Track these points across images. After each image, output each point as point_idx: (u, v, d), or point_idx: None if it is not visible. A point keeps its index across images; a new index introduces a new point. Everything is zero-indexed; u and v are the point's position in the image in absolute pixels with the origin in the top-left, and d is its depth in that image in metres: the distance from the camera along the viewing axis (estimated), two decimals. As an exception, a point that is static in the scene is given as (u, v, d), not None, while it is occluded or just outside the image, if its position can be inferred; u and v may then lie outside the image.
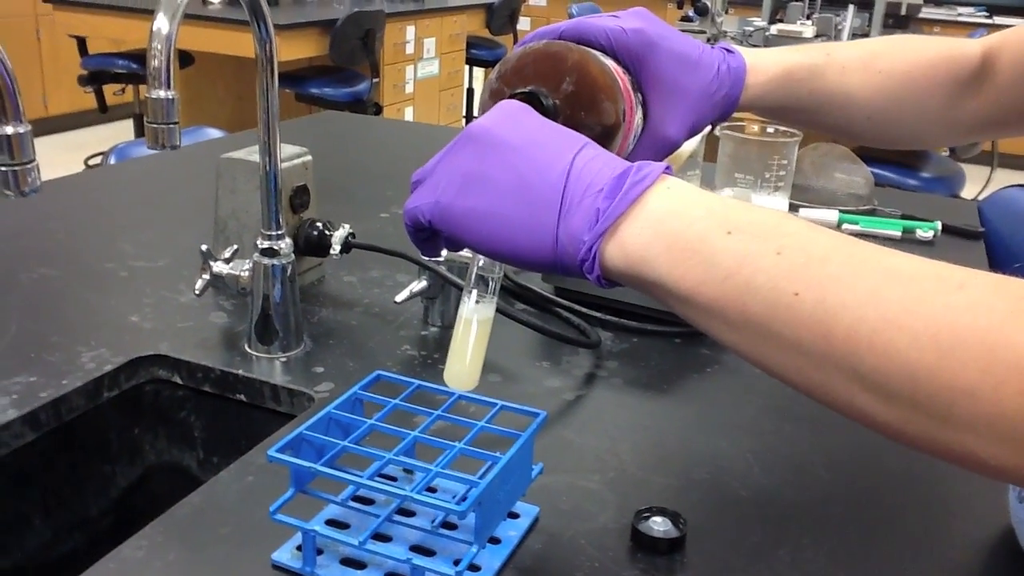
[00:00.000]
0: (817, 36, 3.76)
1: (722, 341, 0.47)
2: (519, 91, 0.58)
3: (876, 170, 2.39)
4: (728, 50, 0.71)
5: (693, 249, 0.46)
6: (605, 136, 0.60)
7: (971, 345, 0.38)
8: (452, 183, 0.52)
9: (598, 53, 0.62)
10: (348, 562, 0.58)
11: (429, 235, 0.55)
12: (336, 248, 0.96)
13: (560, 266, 0.50)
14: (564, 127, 0.54)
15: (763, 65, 0.72)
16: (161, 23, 0.67)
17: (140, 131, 4.42)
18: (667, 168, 0.50)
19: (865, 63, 0.76)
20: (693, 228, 0.46)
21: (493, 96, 0.60)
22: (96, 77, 4.14)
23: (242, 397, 0.83)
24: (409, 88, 4.84)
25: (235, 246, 0.90)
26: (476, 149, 0.52)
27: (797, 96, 0.75)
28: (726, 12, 4.14)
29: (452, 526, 0.59)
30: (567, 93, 0.58)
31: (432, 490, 0.64)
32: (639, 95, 0.65)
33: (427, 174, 0.54)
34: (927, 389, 0.39)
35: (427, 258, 0.89)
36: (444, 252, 0.80)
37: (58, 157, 4.61)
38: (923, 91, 0.77)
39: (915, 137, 0.83)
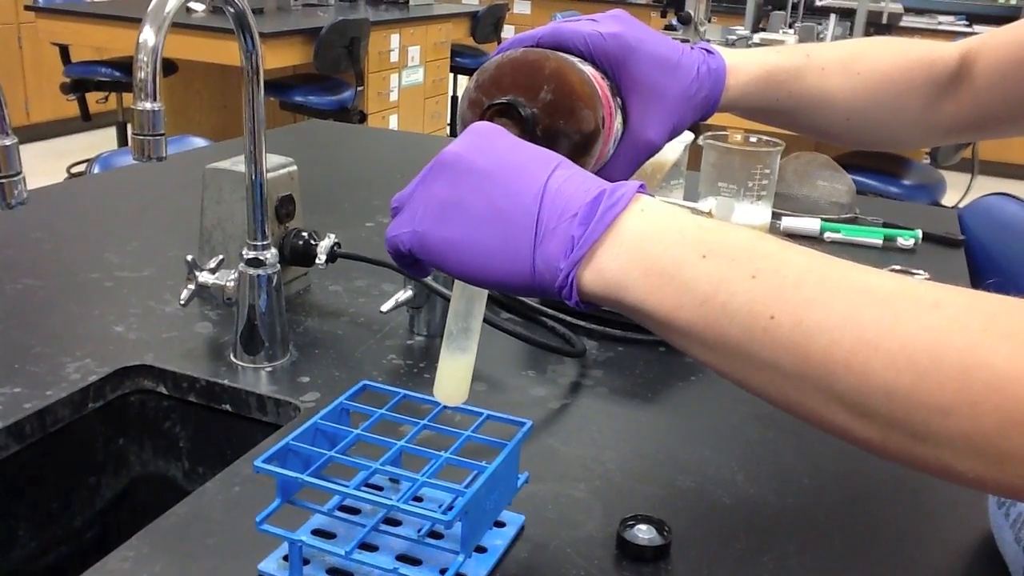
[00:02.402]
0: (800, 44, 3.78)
1: (701, 361, 0.48)
2: (497, 101, 0.58)
3: (858, 178, 2.42)
4: (708, 51, 0.71)
5: (669, 274, 0.46)
6: (585, 143, 0.60)
7: (947, 366, 0.39)
8: (428, 212, 0.52)
9: (576, 60, 0.62)
10: (335, 572, 0.58)
11: (412, 261, 0.55)
12: (322, 258, 0.96)
13: (538, 291, 0.50)
14: (537, 146, 0.53)
15: (743, 66, 0.73)
16: (147, 35, 0.67)
17: (123, 139, 4.40)
18: (640, 187, 0.50)
19: (845, 64, 0.77)
20: (668, 253, 0.46)
21: (472, 106, 0.60)
22: (79, 85, 4.13)
23: (228, 407, 0.83)
24: (394, 96, 4.84)
25: (220, 256, 0.90)
26: (450, 176, 0.52)
27: (776, 97, 0.75)
28: (709, 21, 4.17)
29: (438, 535, 0.59)
30: (545, 102, 0.59)
31: (418, 499, 0.64)
32: (618, 99, 0.65)
33: (404, 200, 0.54)
34: (904, 408, 0.40)
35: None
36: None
37: (41, 165, 4.58)
38: (901, 93, 0.78)
39: (893, 138, 0.84)
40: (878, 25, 4.86)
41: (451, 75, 5.58)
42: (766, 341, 0.43)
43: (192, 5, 3.91)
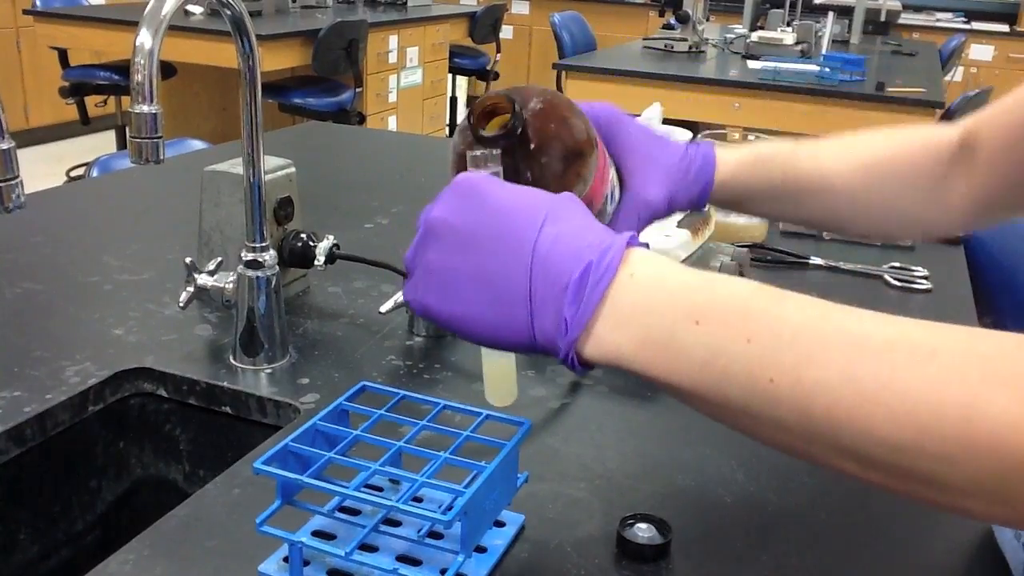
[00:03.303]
0: (797, 43, 3.79)
1: (707, 416, 0.48)
2: (490, 102, 0.58)
3: (857, 176, 2.42)
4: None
5: (664, 345, 0.46)
6: (577, 154, 0.60)
7: (948, 418, 0.39)
8: (429, 284, 0.52)
9: None
10: (335, 573, 0.58)
11: None
12: (320, 259, 0.96)
13: (544, 354, 0.51)
14: (523, 195, 0.52)
15: (732, 151, 0.74)
16: (144, 38, 0.67)
17: (122, 143, 4.40)
18: (632, 239, 0.50)
19: (838, 149, 0.76)
20: (661, 323, 0.47)
21: (461, 133, 0.61)
22: (78, 89, 4.13)
23: (228, 409, 0.83)
24: (392, 97, 4.84)
25: (219, 258, 0.90)
26: (439, 244, 0.52)
27: (770, 178, 0.75)
28: (707, 20, 4.17)
29: (438, 535, 0.59)
30: (536, 110, 0.60)
31: (418, 500, 0.64)
32: (611, 158, 0.68)
33: (409, 264, 0.55)
34: (909, 459, 0.40)
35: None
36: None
37: (40, 169, 4.58)
38: (904, 173, 0.75)
39: (908, 223, 0.80)
40: (876, 22, 4.86)
41: (450, 76, 5.58)
42: (767, 401, 0.44)
43: (190, 8, 3.91)
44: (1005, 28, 6.21)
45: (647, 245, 0.51)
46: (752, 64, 3.36)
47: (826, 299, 0.45)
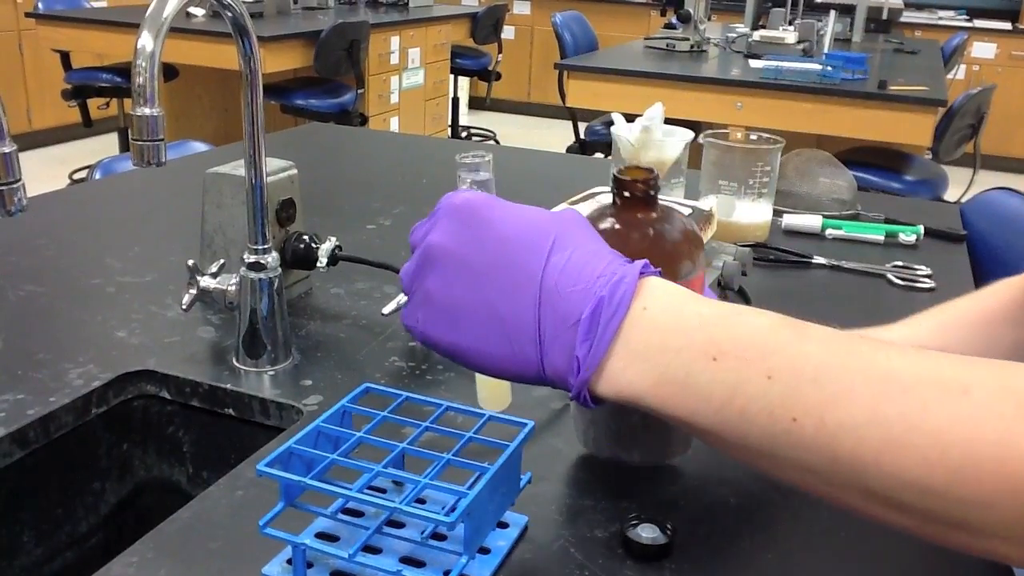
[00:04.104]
0: (799, 41, 3.79)
1: (726, 455, 0.46)
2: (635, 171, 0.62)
3: (859, 174, 2.42)
4: None
5: (680, 383, 0.44)
6: (694, 239, 0.64)
7: (983, 459, 0.37)
8: (431, 314, 0.50)
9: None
10: (338, 575, 0.58)
11: None
12: (323, 261, 0.96)
13: (552, 387, 0.49)
14: (527, 217, 0.50)
15: None
16: (145, 40, 0.68)
17: (125, 145, 4.40)
18: (644, 267, 0.47)
19: (900, 327, 0.70)
20: (678, 360, 0.44)
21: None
22: (80, 91, 4.14)
23: (231, 411, 0.83)
24: (394, 98, 4.85)
25: (222, 260, 0.90)
26: (440, 272, 0.50)
27: None
28: (709, 19, 4.16)
29: (442, 537, 0.59)
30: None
31: (421, 501, 0.64)
32: None
33: (407, 286, 0.52)
34: (941, 503, 0.38)
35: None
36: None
37: (43, 172, 4.59)
38: (984, 329, 0.70)
39: None
40: (878, 20, 4.86)
41: (451, 77, 5.59)
42: (790, 443, 0.41)
43: (192, 10, 3.92)
44: (1007, 26, 6.20)
45: (660, 272, 0.49)
46: (754, 63, 3.36)
47: (829, 299, 0.44)
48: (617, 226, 0.62)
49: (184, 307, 0.88)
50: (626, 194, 0.62)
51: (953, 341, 0.70)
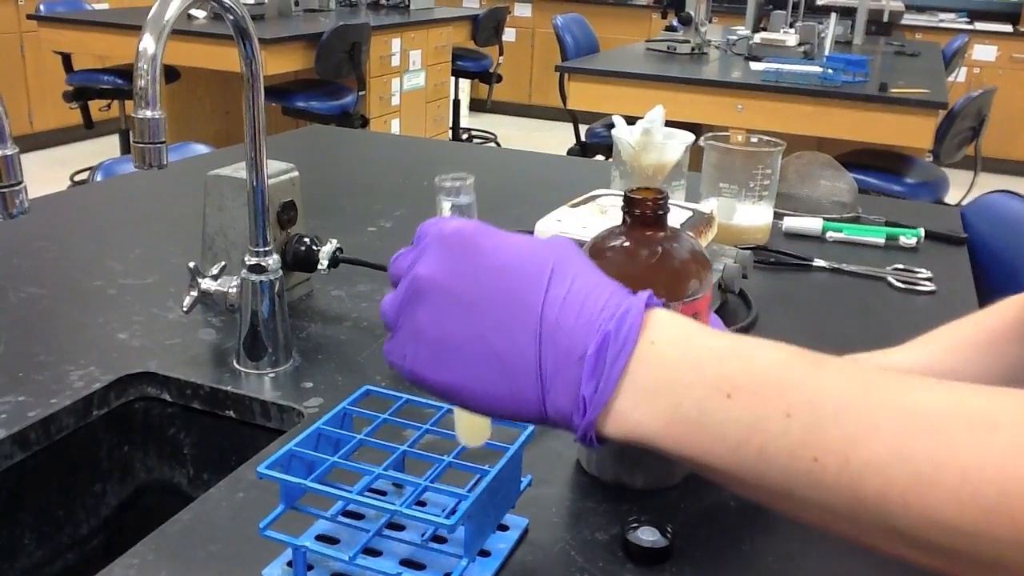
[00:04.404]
0: (800, 44, 3.79)
1: (744, 496, 0.44)
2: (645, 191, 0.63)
3: (860, 177, 2.42)
4: None
5: (693, 421, 0.42)
6: (702, 260, 0.65)
7: (1016, 497, 0.35)
8: (420, 351, 0.47)
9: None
10: (339, 577, 0.58)
11: None
12: (324, 263, 0.96)
13: (555, 427, 0.47)
14: (520, 248, 0.47)
15: None
16: (147, 43, 0.68)
17: (126, 147, 4.41)
18: (650, 299, 0.45)
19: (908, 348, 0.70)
20: (689, 397, 0.42)
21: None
22: (81, 93, 4.14)
23: (232, 413, 0.83)
24: (395, 100, 4.85)
25: (223, 262, 0.91)
26: (431, 306, 0.46)
27: None
28: (710, 21, 4.17)
29: (442, 539, 0.59)
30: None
31: (422, 504, 0.64)
32: None
33: (390, 319, 0.49)
34: (973, 543, 0.37)
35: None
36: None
37: (44, 173, 4.59)
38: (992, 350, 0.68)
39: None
40: (879, 23, 4.86)
41: (452, 79, 5.59)
42: (812, 483, 0.40)
43: (193, 12, 3.92)
44: (1008, 28, 6.20)
45: (664, 304, 0.46)
46: (755, 66, 3.36)
47: (830, 301, 0.44)
48: (627, 243, 0.63)
49: (185, 309, 0.89)
50: (636, 212, 0.62)
51: (961, 362, 0.69)
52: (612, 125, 1.25)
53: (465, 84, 6.29)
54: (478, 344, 0.45)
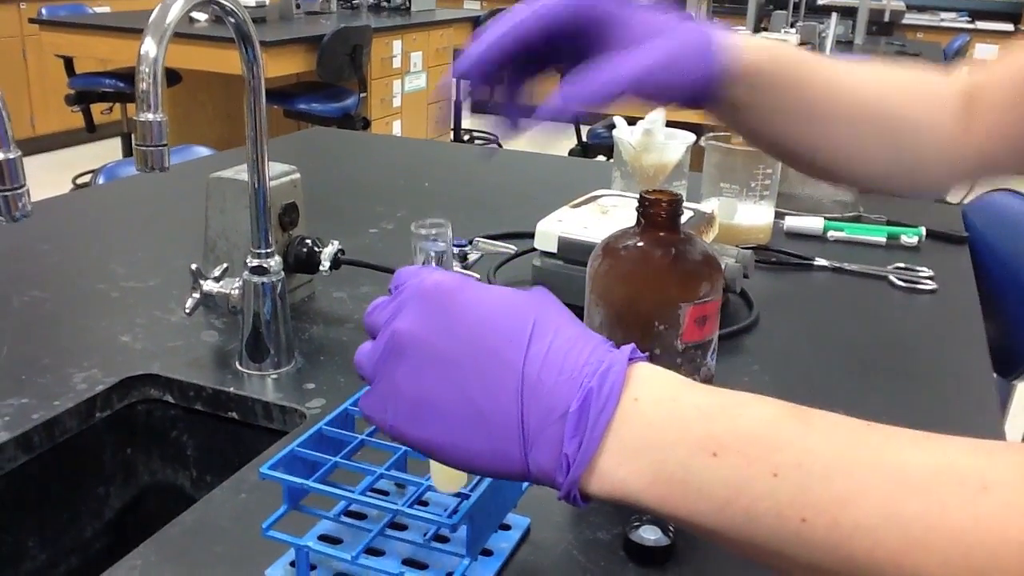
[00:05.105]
0: (801, 44, 3.78)
1: (733, 554, 0.44)
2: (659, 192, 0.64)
3: (862, 176, 2.41)
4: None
5: (678, 480, 0.41)
6: (714, 264, 0.65)
7: (1008, 561, 0.35)
8: (400, 408, 0.46)
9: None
10: (342, 577, 0.59)
11: None
12: (326, 265, 0.96)
13: (538, 484, 0.46)
14: (504, 303, 0.46)
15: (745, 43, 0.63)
16: (148, 46, 0.68)
17: (128, 150, 4.42)
18: (633, 353, 0.45)
19: (866, 74, 0.68)
20: (674, 456, 0.41)
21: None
22: (83, 96, 4.15)
23: (234, 415, 0.83)
24: (396, 102, 4.86)
25: (225, 264, 0.91)
26: (410, 363, 0.46)
27: (785, 86, 0.64)
28: (711, 21, 4.17)
29: (444, 539, 0.59)
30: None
31: (423, 503, 0.65)
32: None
33: (372, 374, 0.48)
34: None
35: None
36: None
37: (46, 176, 4.60)
38: (930, 96, 0.68)
39: (918, 169, 0.69)
40: (880, 23, 4.86)
41: (453, 80, 5.59)
42: (800, 544, 0.39)
43: (194, 15, 3.93)
44: (1010, 27, 6.20)
45: (648, 356, 0.46)
46: (756, 66, 3.35)
47: (831, 301, 0.43)
48: (640, 244, 0.64)
49: (187, 311, 0.89)
50: (651, 213, 0.63)
51: (907, 111, 0.68)
52: (613, 126, 1.25)
53: (466, 86, 6.29)
54: (459, 402, 0.44)
